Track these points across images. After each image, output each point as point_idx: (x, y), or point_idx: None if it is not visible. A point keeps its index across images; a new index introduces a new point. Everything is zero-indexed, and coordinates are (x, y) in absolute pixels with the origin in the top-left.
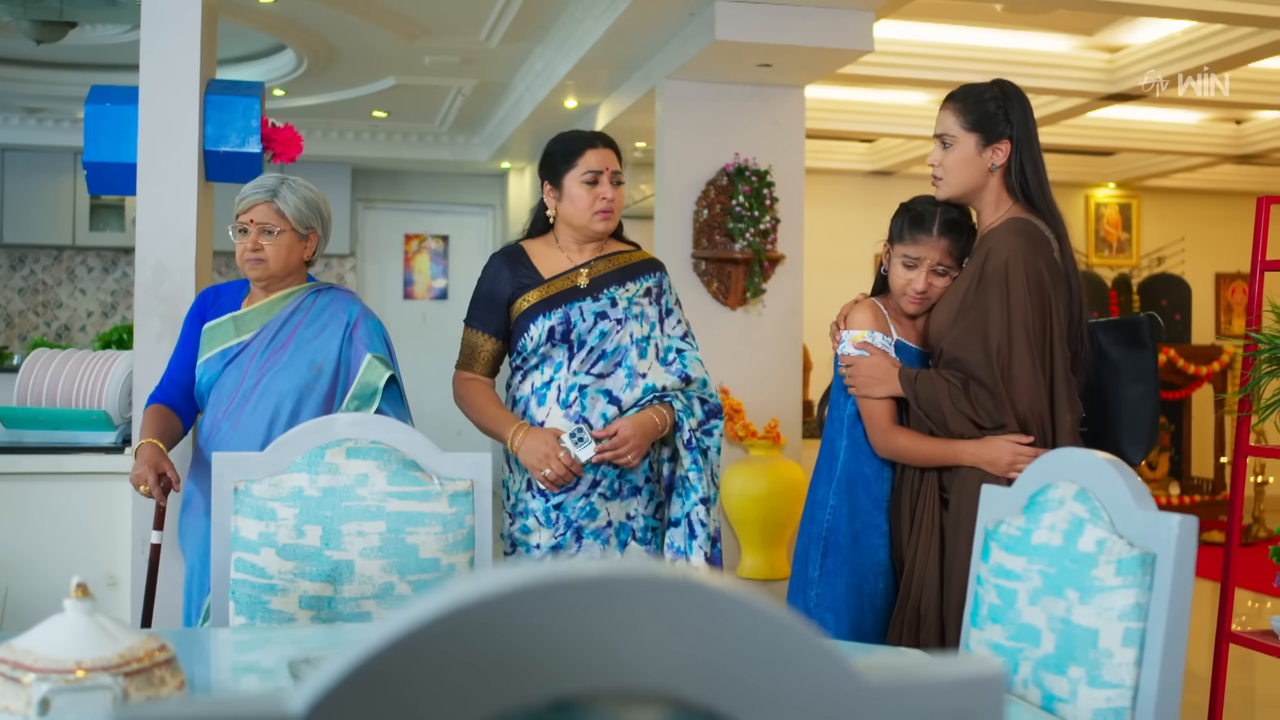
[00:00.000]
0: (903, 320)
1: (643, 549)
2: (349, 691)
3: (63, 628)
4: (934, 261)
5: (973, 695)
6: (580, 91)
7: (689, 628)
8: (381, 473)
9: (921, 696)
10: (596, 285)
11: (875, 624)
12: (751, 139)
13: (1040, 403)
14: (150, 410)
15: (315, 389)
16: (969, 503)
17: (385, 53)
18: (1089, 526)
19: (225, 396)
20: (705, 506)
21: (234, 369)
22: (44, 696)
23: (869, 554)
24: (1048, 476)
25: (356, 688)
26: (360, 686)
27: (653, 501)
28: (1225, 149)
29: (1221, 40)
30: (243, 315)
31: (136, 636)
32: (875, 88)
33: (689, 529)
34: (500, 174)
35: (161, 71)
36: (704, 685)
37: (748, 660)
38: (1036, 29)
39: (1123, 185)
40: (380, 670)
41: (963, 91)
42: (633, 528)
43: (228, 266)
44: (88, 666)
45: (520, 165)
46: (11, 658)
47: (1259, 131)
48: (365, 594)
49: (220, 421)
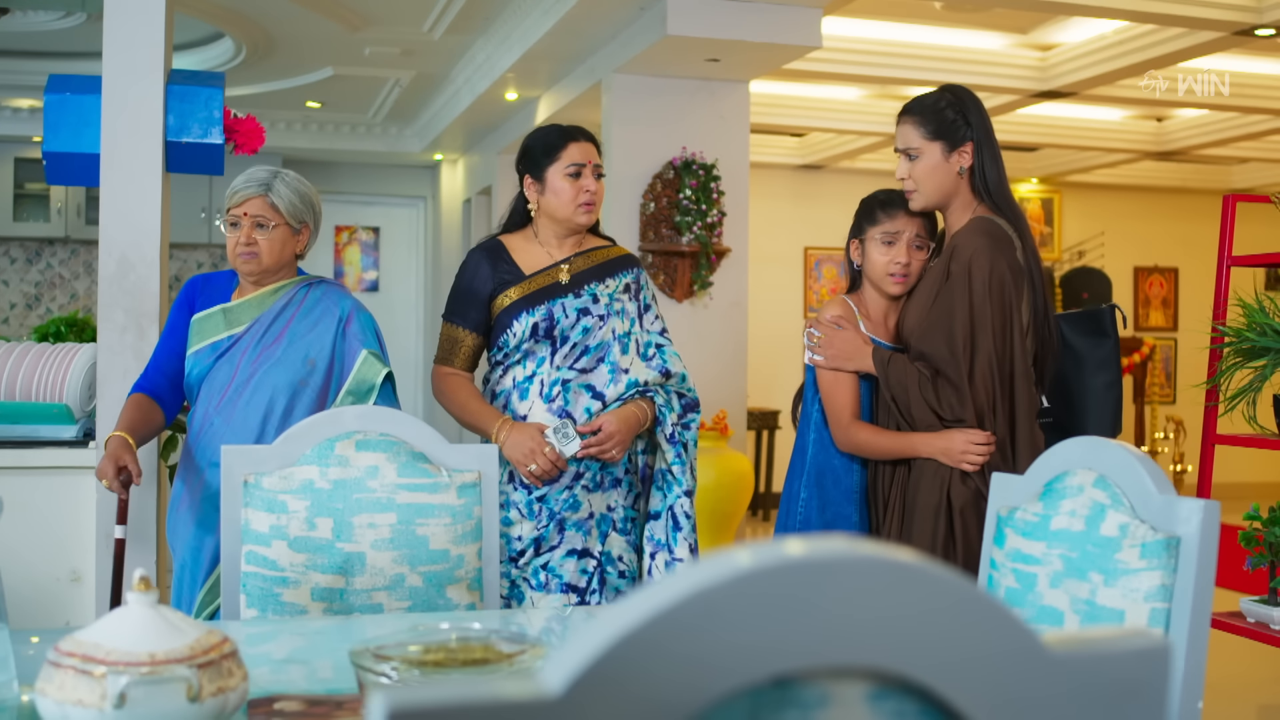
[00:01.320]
0: (873, 318)
1: (624, 539)
2: (601, 671)
3: (127, 621)
4: (912, 234)
5: (1145, 666)
6: (521, 84)
7: (892, 603)
8: (391, 465)
9: (1099, 667)
10: (578, 281)
11: None
12: (697, 133)
13: (997, 396)
14: (131, 400)
15: (309, 384)
16: (926, 491)
17: (325, 43)
18: (1110, 512)
19: (216, 390)
20: (689, 499)
21: (225, 363)
22: (123, 689)
23: None
24: (1064, 464)
25: (608, 667)
26: (611, 666)
27: (631, 493)
28: (1146, 145)
29: (1152, 40)
30: (233, 308)
31: (199, 629)
32: (812, 83)
33: (672, 521)
34: (432, 165)
35: (125, 61)
36: (903, 657)
37: (943, 632)
38: (974, 27)
39: (1045, 180)
40: (628, 650)
41: (917, 104)
42: (613, 519)
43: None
44: (160, 659)
45: (453, 157)
46: (80, 651)
47: (1180, 129)
48: (377, 585)
49: (212, 415)
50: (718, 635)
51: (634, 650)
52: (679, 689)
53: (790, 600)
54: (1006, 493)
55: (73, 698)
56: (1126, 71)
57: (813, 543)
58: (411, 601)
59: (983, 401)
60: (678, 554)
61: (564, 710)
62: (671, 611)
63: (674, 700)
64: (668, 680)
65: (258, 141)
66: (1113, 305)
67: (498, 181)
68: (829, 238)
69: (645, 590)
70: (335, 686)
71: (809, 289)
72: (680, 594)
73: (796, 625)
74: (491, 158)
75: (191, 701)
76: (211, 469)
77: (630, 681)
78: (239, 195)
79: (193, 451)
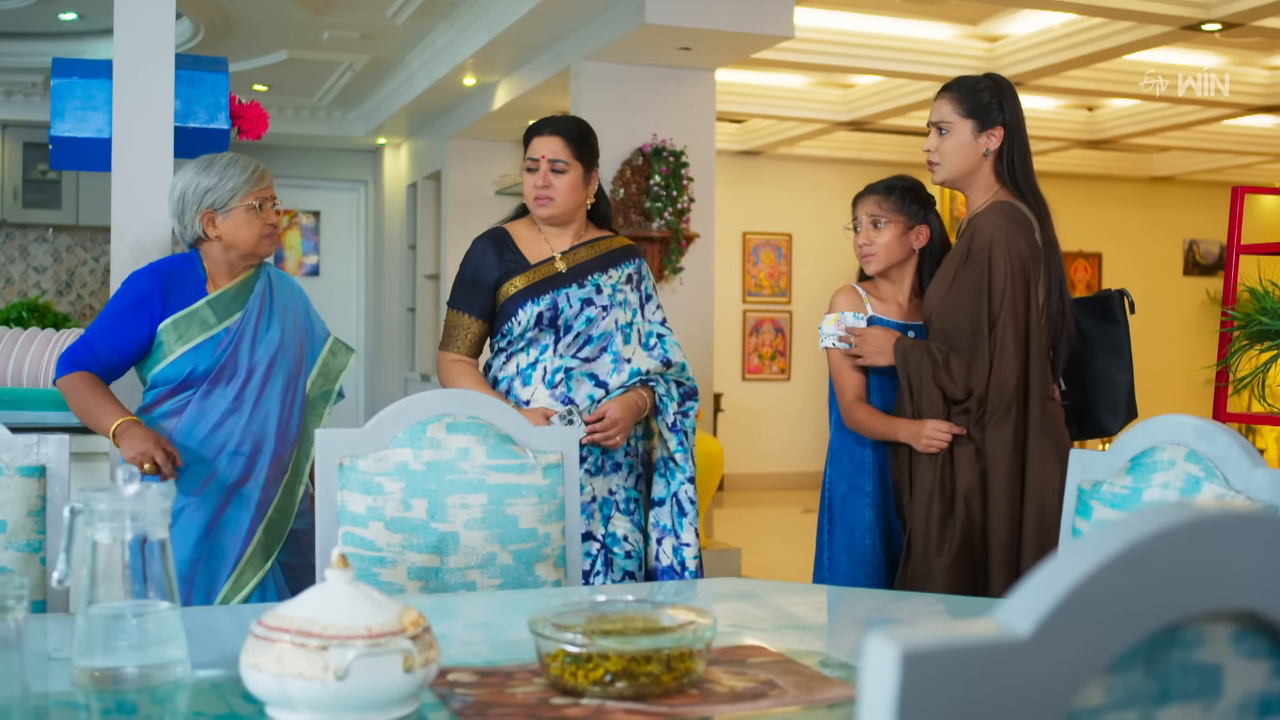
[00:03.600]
0: (885, 298)
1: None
2: (1065, 612)
3: (331, 597)
4: (867, 214)
5: None
6: (480, 70)
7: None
8: (481, 446)
9: None
10: (579, 272)
11: (866, 576)
12: (666, 120)
13: (1016, 373)
14: (90, 380)
15: (302, 364)
16: (922, 475)
17: (283, 26)
18: (1206, 484)
19: (228, 379)
20: (691, 484)
21: (229, 353)
22: (349, 662)
23: (855, 513)
24: (1150, 440)
25: (1070, 608)
26: (1073, 607)
27: (632, 475)
28: (1078, 134)
29: (1100, 34)
30: (218, 298)
31: (397, 604)
32: (759, 70)
33: (677, 507)
34: (374, 149)
35: (136, 45)
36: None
37: None
38: (928, 18)
39: None
40: (1086, 591)
41: (957, 82)
42: (615, 501)
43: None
44: (377, 632)
45: (396, 141)
46: (293, 626)
47: (1111, 118)
48: (470, 564)
49: (227, 405)
50: (1145, 581)
51: (1083, 595)
52: (1114, 630)
53: (1198, 552)
54: (1087, 468)
55: (293, 671)
56: (1073, 64)
57: (1219, 504)
58: (503, 579)
59: (1005, 377)
60: (684, 538)
61: (1031, 649)
62: (1113, 561)
63: (1110, 640)
64: (1107, 621)
65: (262, 127)
66: (1122, 290)
67: (448, 166)
68: (767, 223)
69: (1087, 542)
70: (490, 659)
71: (747, 274)
72: (1118, 546)
73: (1199, 574)
74: (441, 142)
75: (406, 672)
76: (231, 458)
77: (1082, 622)
78: (269, 178)
79: (200, 443)
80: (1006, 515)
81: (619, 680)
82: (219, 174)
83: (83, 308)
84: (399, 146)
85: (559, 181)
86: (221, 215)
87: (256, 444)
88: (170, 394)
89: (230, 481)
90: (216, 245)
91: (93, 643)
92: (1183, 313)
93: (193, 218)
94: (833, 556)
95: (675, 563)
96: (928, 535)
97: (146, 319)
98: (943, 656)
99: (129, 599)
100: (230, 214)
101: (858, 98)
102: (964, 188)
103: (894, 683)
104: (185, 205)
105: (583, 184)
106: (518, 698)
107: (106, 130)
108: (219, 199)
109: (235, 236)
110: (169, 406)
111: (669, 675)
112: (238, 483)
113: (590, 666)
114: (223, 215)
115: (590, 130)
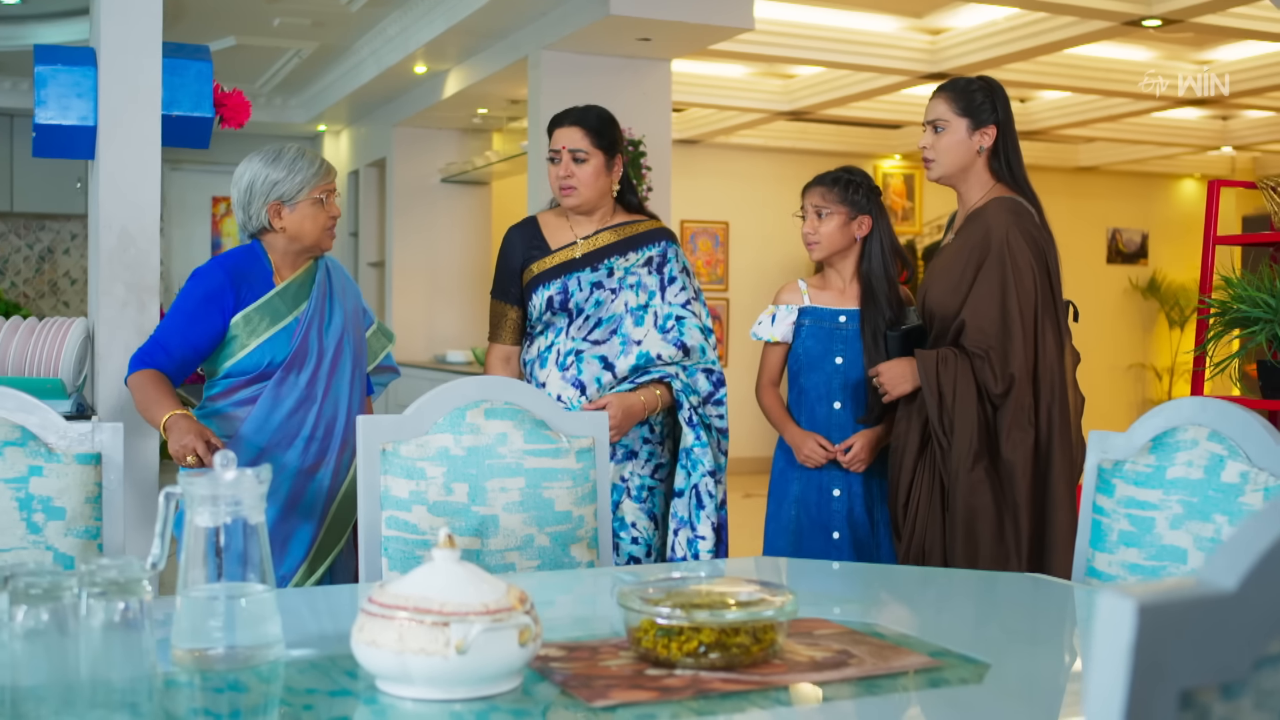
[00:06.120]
0: (828, 286)
1: (637, 505)
2: (1266, 568)
3: (441, 575)
4: (813, 204)
5: None
6: (431, 58)
7: None
8: (518, 431)
9: None
10: (596, 256)
11: (788, 545)
12: (624, 110)
13: (1060, 358)
14: (156, 377)
15: (362, 348)
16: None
17: (233, 11)
18: (1229, 462)
19: (299, 369)
20: (713, 478)
21: (302, 341)
22: (474, 637)
23: (784, 486)
24: (1170, 421)
25: (1271, 564)
26: (1268, 566)
27: (650, 462)
28: None
29: (1042, 28)
30: (286, 289)
31: (502, 581)
32: (701, 60)
33: (696, 499)
34: (314, 136)
35: (122, 33)
36: None
37: None
38: (871, 10)
39: (907, 157)
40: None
41: (952, 83)
42: (626, 488)
43: (61, 229)
44: (493, 608)
45: (337, 128)
46: (409, 604)
47: (1043, 110)
48: (509, 546)
49: (299, 393)
50: None
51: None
52: None
53: None
54: (1108, 448)
55: (414, 647)
56: (1014, 57)
57: None
58: (540, 560)
59: (1048, 365)
60: (700, 531)
61: (1237, 602)
62: None
63: None
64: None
65: (244, 115)
66: (1068, 301)
67: (394, 153)
68: (704, 211)
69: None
70: (569, 635)
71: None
72: None
73: None
74: (386, 129)
75: (521, 646)
76: (306, 444)
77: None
78: (333, 173)
79: (276, 430)
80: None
81: (712, 651)
82: (287, 166)
83: (16, 295)
84: (339, 134)
85: (581, 171)
86: (289, 207)
87: (329, 429)
88: (245, 384)
89: (305, 467)
90: (280, 237)
91: (193, 624)
92: (1106, 301)
93: (259, 209)
94: (767, 523)
95: (689, 555)
96: (903, 511)
97: (219, 313)
98: (1168, 609)
99: (226, 580)
100: (297, 206)
101: (799, 88)
102: (958, 184)
103: (1130, 631)
104: (253, 196)
105: (605, 171)
106: (612, 670)
107: (91, 118)
108: (287, 191)
109: (301, 229)
110: (242, 396)
111: (757, 646)
112: (312, 468)
113: (683, 639)
114: (290, 207)
115: (610, 118)
